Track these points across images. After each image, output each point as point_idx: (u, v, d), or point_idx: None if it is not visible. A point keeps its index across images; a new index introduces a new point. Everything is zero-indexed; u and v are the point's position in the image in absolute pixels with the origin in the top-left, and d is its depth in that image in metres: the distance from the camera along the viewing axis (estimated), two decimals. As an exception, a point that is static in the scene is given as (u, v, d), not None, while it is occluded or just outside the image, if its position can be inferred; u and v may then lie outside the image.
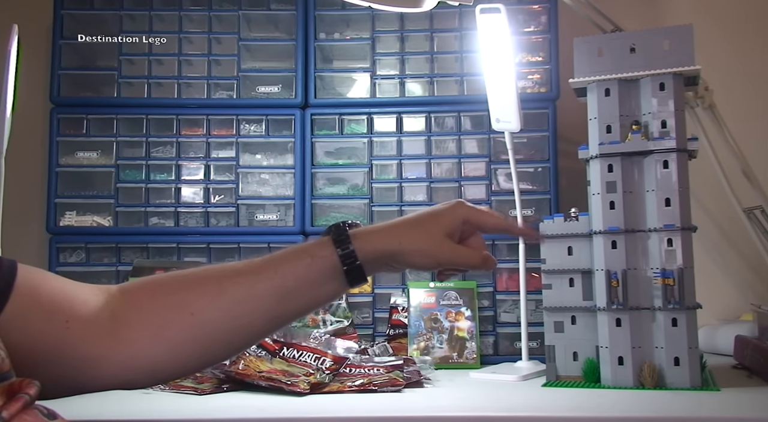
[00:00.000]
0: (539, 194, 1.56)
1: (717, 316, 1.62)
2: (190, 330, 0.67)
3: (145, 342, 0.66)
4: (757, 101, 1.75)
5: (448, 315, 1.47)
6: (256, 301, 0.69)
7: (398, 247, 0.72)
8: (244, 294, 0.69)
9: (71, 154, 1.61)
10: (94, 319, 0.66)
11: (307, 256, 0.70)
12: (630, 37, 1.23)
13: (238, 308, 0.68)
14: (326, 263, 0.70)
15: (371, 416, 0.98)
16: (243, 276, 0.69)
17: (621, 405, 1.02)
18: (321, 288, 0.71)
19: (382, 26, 1.63)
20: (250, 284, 0.69)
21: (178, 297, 0.68)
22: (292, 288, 0.69)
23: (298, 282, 0.70)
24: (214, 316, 0.68)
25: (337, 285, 0.71)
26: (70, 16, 1.63)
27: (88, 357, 0.65)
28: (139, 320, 0.67)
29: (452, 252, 0.74)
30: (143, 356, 0.66)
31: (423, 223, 0.74)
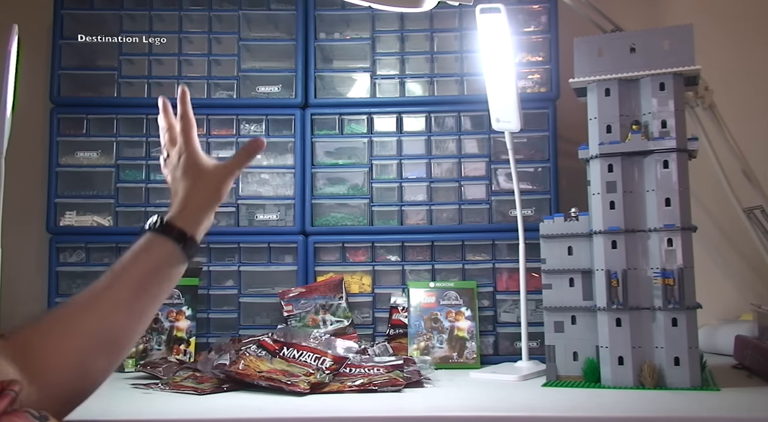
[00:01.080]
0: (539, 194, 1.56)
1: (717, 316, 1.62)
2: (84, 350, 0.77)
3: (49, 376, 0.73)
4: (757, 101, 1.75)
5: (448, 315, 1.47)
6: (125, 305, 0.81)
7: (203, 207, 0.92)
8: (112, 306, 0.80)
9: (71, 154, 1.61)
10: None
11: (143, 253, 0.84)
12: (630, 37, 1.23)
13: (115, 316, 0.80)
14: (163, 249, 0.85)
15: (371, 416, 0.98)
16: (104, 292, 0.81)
17: (621, 405, 1.02)
18: (169, 271, 0.86)
19: (382, 26, 1.63)
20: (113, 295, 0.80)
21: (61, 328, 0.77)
22: (148, 283, 0.83)
23: (149, 276, 0.83)
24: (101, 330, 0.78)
25: (178, 260, 0.87)
26: (70, 16, 1.63)
27: None
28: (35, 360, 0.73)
29: (226, 171, 0.95)
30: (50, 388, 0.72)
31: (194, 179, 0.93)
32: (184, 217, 0.89)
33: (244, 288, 1.56)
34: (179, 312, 1.48)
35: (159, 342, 1.46)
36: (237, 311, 1.55)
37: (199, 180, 0.93)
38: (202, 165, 0.95)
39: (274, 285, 1.56)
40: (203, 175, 0.93)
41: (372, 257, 1.57)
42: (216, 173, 0.94)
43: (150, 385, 1.21)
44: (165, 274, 0.86)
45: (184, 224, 0.88)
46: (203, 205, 0.92)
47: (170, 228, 0.87)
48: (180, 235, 0.87)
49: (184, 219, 0.89)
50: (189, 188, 0.92)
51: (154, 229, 0.87)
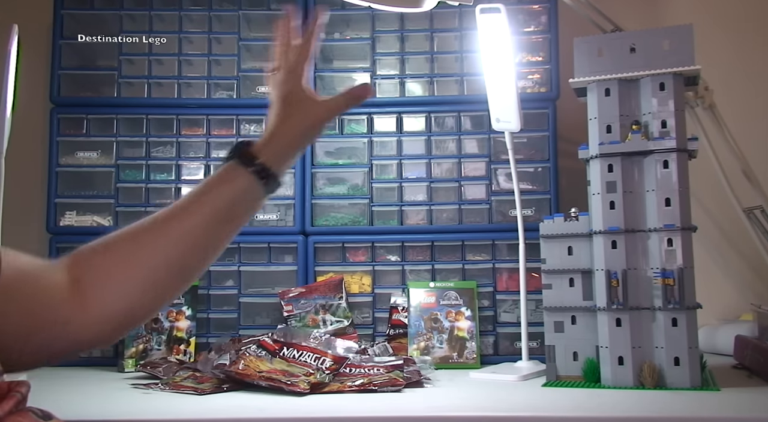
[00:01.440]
0: (539, 194, 1.56)
1: (717, 316, 1.62)
2: (150, 277, 0.75)
3: (111, 298, 0.73)
4: (757, 101, 1.75)
5: (448, 315, 1.47)
6: (198, 236, 0.77)
7: (294, 143, 0.85)
8: (185, 233, 0.77)
9: (71, 154, 1.61)
10: (60, 288, 0.71)
11: (224, 183, 0.80)
12: (630, 37, 1.23)
13: (183, 246, 0.76)
14: (244, 182, 0.80)
15: (371, 416, 0.98)
16: (178, 218, 0.77)
17: (621, 405, 1.02)
18: (247, 204, 0.82)
19: (382, 26, 1.63)
20: (187, 223, 0.77)
21: (130, 253, 0.75)
22: (224, 214, 0.79)
23: (226, 207, 0.79)
24: (166, 260, 0.75)
25: (258, 195, 0.82)
26: (70, 16, 1.63)
27: (62, 322, 0.69)
28: (101, 280, 0.73)
29: (327, 110, 0.87)
30: (116, 310, 0.73)
31: (292, 109, 0.85)
32: (270, 150, 0.82)
33: (244, 288, 1.56)
34: (179, 312, 1.48)
35: (159, 342, 1.46)
36: (237, 311, 1.55)
37: (297, 109, 0.85)
38: (306, 94, 0.86)
39: (274, 285, 1.56)
40: (303, 105, 0.86)
41: (372, 257, 1.57)
42: (317, 107, 0.86)
43: (150, 385, 1.21)
44: (242, 207, 0.81)
45: (268, 158, 0.81)
46: (294, 139, 0.85)
47: (252, 159, 0.80)
48: (262, 170, 0.80)
49: (270, 151, 0.82)
50: (283, 116, 0.85)
51: (237, 157, 0.81)
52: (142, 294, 0.74)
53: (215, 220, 0.78)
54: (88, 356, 1.51)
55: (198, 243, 0.77)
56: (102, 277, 0.73)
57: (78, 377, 1.34)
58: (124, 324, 0.75)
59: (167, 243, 0.76)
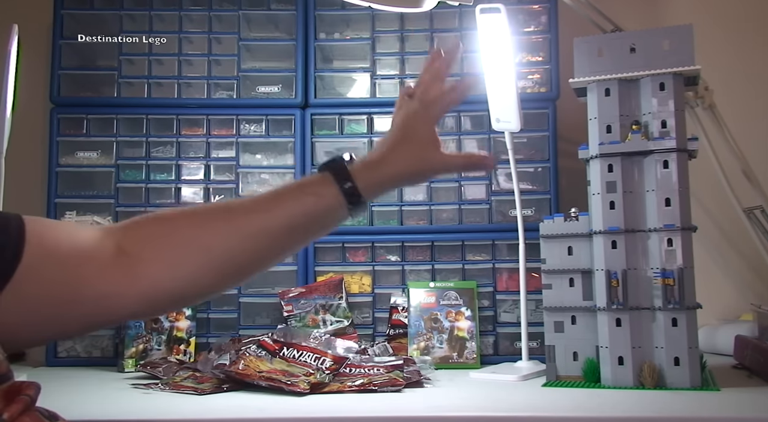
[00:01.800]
0: (539, 194, 1.56)
1: (717, 316, 1.62)
2: (205, 264, 0.71)
3: (162, 277, 0.69)
4: (757, 101, 1.75)
5: (448, 315, 1.47)
6: (267, 237, 0.73)
7: (397, 178, 0.79)
8: (255, 230, 0.73)
9: (71, 154, 1.61)
10: (105, 258, 0.68)
11: (311, 195, 0.75)
12: (630, 37, 1.23)
13: (250, 242, 0.73)
14: (331, 201, 0.76)
15: (371, 416, 0.99)
16: (253, 213, 0.74)
17: (621, 405, 1.02)
18: (326, 221, 0.77)
19: (382, 26, 1.63)
20: (260, 221, 0.73)
21: (192, 233, 0.72)
22: (300, 225, 0.75)
23: (304, 219, 0.75)
24: (228, 251, 0.72)
25: (341, 216, 0.77)
26: (70, 16, 1.63)
27: (105, 294, 0.67)
28: (154, 256, 0.69)
29: (444, 164, 0.81)
30: (161, 289, 0.69)
31: (409, 147, 0.79)
32: (370, 175, 0.77)
33: (244, 288, 1.56)
34: (179, 312, 1.48)
35: (159, 342, 1.46)
36: (237, 311, 1.55)
37: (417, 147, 0.80)
38: (432, 137, 0.80)
39: (274, 285, 1.56)
40: (424, 147, 0.80)
41: (372, 257, 1.57)
42: (437, 155, 0.80)
43: (150, 385, 1.21)
44: (320, 223, 0.77)
45: (366, 183, 0.76)
46: (399, 175, 0.79)
47: (348, 178, 0.76)
48: (354, 193, 0.75)
49: (369, 177, 0.77)
50: (398, 147, 0.79)
51: (333, 171, 0.76)
52: (192, 280, 0.71)
53: (288, 228, 0.74)
54: (88, 356, 1.51)
55: (263, 244, 0.74)
56: (156, 253, 0.70)
57: (78, 377, 1.34)
58: (165, 305, 0.72)
59: (233, 235, 0.72)
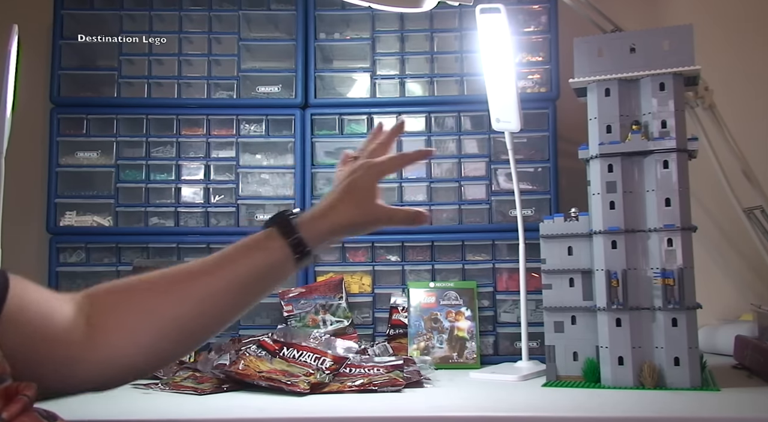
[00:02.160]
0: (539, 194, 1.56)
1: (717, 316, 1.62)
2: (162, 331, 0.73)
3: (122, 345, 0.71)
4: (757, 101, 1.75)
5: (448, 315, 1.47)
6: (219, 298, 0.76)
7: (342, 229, 0.84)
8: (207, 293, 0.75)
9: (71, 154, 1.61)
10: (71, 325, 0.69)
11: (258, 251, 0.78)
12: (630, 37, 1.23)
13: (203, 306, 0.75)
14: (278, 254, 0.79)
15: (371, 416, 0.98)
16: (198, 278, 0.76)
17: (621, 405, 1.02)
18: (275, 275, 0.80)
19: (382, 26, 1.63)
20: (204, 286, 0.75)
21: (149, 301, 0.74)
22: (250, 282, 0.77)
23: (253, 276, 0.77)
24: (183, 316, 0.74)
25: (289, 269, 0.80)
26: (70, 16, 1.63)
27: (67, 360, 0.68)
28: (114, 325, 0.71)
29: (387, 215, 0.87)
30: (120, 357, 0.71)
31: (354, 198, 0.86)
32: (315, 228, 0.81)
33: (244, 288, 1.56)
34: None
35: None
36: (237, 311, 1.55)
37: (360, 199, 0.86)
38: (372, 192, 0.87)
39: (274, 285, 1.56)
40: (367, 199, 0.86)
41: (372, 257, 1.57)
42: (379, 208, 0.86)
43: (150, 385, 1.21)
44: (270, 278, 0.80)
45: (311, 235, 0.80)
46: (342, 226, 0.84)
47: (293, 233, 0.79)
48: (299, 244, 0.79)
49: (314, 229, 0.81)
50: (342, 200, 0.85)
51: (278, 226, 0.80)
52: (151, 346, 0.72)
53: (239, 287, 0.76)
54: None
55: (217, 307, 0.76)
56: (115, 322, 0.71)
57: (78, 377, 1.34)
58: (129, 372, 0.73)
59: (187, 302, 0.74)
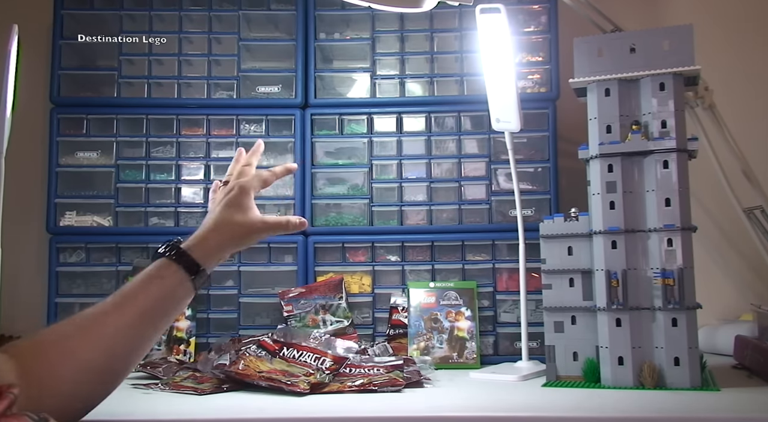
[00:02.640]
0: (539, 194, 1.56)
1: (717, 316, 1.62)
2: (80, 370, 0.76)
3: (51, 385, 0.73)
4: (757, 101, 1.75)
5: (448, 315, 1.47)
6: (129, 330, 0.81)
7: (227, 244, 0.92)
8: (117, 329, 0.80)
9: (71, 154, 1.61)
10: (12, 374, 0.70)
11: (155, 279, 0.85)
12: (630, 37, 1.23)
13: (116, 340, 0.80)
14: (173, 279, 0.85)
15: (371, 416, 0.98)
16: (110, 315, 0.81)
17: (621, 405, 1.02)
18: (174, 300, 0.86)
19: (382, 26, 1.63)
20: (119, 319, 0.81)
21: (62, 344, 0.77)
22: (151, 312, 0.83)
23: (153, 307, 0.83)
24: (98, 355, 0.78)
25: (187, 291, 0.87)
26: (70, 16, 1.63)
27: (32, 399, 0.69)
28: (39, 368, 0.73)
29: (269, 227, 0.95)
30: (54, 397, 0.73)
31: (231, 215, 0.93)
32: (201, 249, 0.89)
33: (244, 288, 1.56)
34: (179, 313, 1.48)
35: (159, 343, 1.46)
36: (237, 311, 1.55)
37: (233, 218, 0.93)
38: (246, 207, 0.95)
39: (274, 285, 1.56)
40: (240, 217, 0.94)
41: (372, 257, 1.57)
42: (253, 223, 0.95)
43: (150, 385, 1.21)
44: (172, 303, 0.86)
45: (199, 255, 0.88)
46: (224, 244, 0.92)
47: (184, 256, 0.87)
48: (192, 266, 0.87)
49: (201, 250, 0.88)
50: (219, 222, 0.92)
51: (168, 255, 0.87)
52: (76, 385, 0.76)
53: (142, 320, 0.82)
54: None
55: (125, 342, 0.81)
56: (41, 366, 0.74)
57: (78, 377, 1.34)
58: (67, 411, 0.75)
59: (97, 341, 0.78)
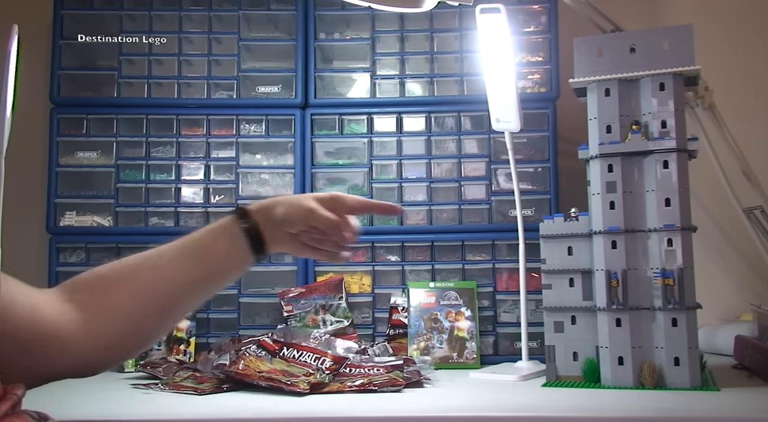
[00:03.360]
0: (539, 194, 1.56)
1: (717, 316, 1.62)
2: (137, 310, 0.79)
3: (103, 324, 0.76)
4: (757, 101, 1.75)
5: (448, 315, 1.47)
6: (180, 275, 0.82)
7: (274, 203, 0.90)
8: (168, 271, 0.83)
9: (71, 154, 1.61)
10: (57, 310, 0.74)
11: (212, 230, 0.87)
12: (630, 37, 1.23)
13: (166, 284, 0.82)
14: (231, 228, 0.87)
15: (371, 416, 0.98)
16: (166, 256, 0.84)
17: (621, 405, 1.02)
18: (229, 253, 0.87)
19: (382, 26, 1.63)
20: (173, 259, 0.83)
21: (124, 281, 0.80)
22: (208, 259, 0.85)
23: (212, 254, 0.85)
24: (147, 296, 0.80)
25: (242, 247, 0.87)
26: (70, 16, 1.63)
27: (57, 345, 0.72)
28: (96, 304, 0.77)
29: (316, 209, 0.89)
30: (101, 336, 0.76)
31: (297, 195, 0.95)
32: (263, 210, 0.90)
33: (244, 288, 1.56)
34: (179, 312, 1.48)
35: (159, 342, 1.46)
36: (237, 311, 1.55)
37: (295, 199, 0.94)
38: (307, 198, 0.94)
39: (274, 285, 1.56)
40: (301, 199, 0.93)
41: (372, 257, 1.57)
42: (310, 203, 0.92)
43: (150, 385, 1.21)
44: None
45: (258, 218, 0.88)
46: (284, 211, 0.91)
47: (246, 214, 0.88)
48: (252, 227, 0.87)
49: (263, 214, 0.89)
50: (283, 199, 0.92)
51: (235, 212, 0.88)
52: (132, 325, 0.79)
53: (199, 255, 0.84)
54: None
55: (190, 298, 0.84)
56: (99, 303, 0.77)
57: (78, 377, 1.34)
58: (116, 353, 0.79)
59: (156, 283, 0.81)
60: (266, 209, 0.89)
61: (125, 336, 0.79)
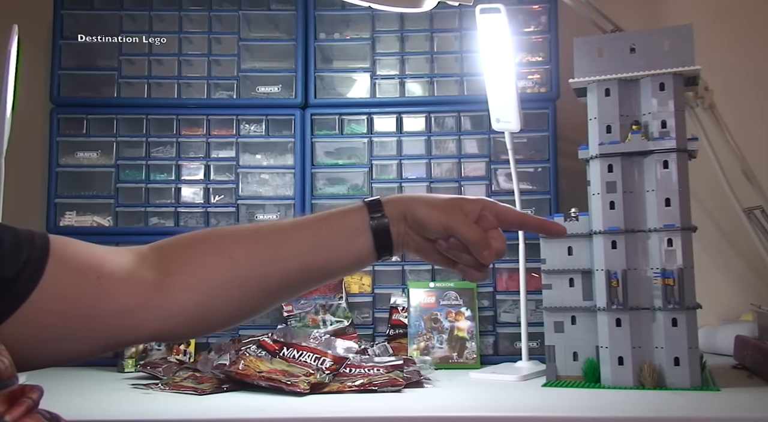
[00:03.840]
0: (539, 194, 1.56)
1: (717, 316, 1.62)
2: (228, 273, 0.70)
3: (185, 287, 0.69)
4: (757, 101, 1.75)
5: (448, 315, 1.47)
6: (291, 247, 0.72)
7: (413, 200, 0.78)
8: (280, 241, 0.73)
9: (71, 154, 1.61)
10: (127, 273, 0.68)
11: (338, 213, 0.75)
12: (630, 37, 1.23)
13: (274, 253, 0.72)
14: (357, 217, 0.75)
15: (371, 416, 0.99)
16: (278, 226, 0.74)
17: (621, 405, 1.02)
18: (350, 242, 0.74)
19: (382, 26, 1.63)
20: (285, 232, 0.73)
21: (216, 243, 0.72)
22: (325, 239, 0.73)
23: (330, 233, 0.74)
24: (251, 260, 0.71)
25: (365, 241, 0.74)
26: (70, 16, 1.63)
27: (126, 308, 0.66)
28: (177, 267, 0.69)
29: (461, 216, 0.76)
30: (183, 301, 0.68)
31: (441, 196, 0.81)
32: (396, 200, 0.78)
33: (244, 288, 1.56)
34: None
35: (159, 343, 1.46)
36: (237, 311, 1.54)
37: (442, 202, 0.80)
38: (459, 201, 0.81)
39: (274, 285, 1.56)
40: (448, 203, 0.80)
41: (372, 257, 1.57)
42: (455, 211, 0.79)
43: (150, 385, 1.21)
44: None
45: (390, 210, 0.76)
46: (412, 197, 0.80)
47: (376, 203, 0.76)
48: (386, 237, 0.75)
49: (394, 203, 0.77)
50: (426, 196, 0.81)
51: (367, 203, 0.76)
52: (215, 292, 0.70)
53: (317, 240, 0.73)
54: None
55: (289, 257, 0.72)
56: (180, 266, 0.70)
57: (78, 377, 1.34)
58: (196, 322, 0.71)
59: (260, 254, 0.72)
60: (404, 204, 0.77)
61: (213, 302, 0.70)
